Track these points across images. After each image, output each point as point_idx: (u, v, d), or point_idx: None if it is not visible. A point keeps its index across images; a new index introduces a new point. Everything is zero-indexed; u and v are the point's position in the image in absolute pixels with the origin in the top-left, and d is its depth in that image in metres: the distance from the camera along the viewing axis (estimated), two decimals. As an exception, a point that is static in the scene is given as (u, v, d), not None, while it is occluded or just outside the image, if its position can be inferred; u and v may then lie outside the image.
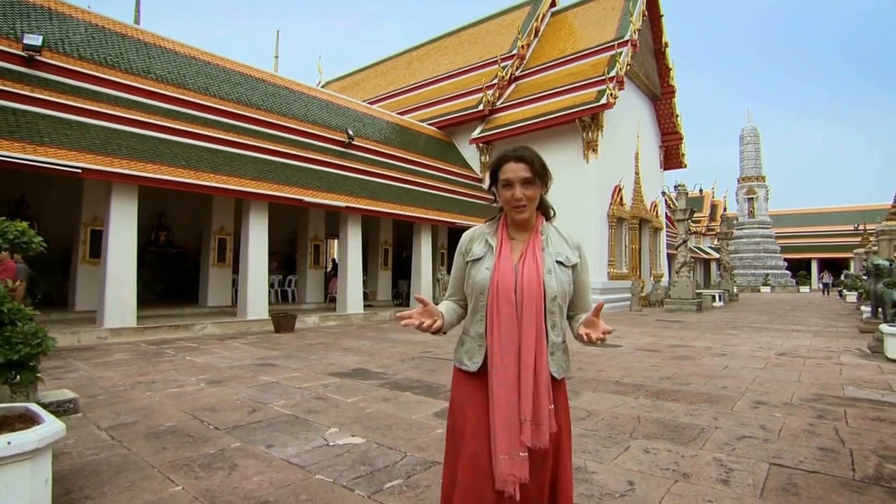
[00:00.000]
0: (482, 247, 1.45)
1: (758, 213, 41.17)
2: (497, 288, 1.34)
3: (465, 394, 1.41)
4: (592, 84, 15.43)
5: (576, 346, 7.32)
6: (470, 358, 1.41)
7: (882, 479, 2.58)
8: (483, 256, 1.43)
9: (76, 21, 9.84)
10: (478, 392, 1.37)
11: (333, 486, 2.47)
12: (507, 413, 1.28)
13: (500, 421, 1.28)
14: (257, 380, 5.03)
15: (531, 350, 1.30)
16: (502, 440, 1.27)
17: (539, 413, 1.29)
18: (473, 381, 1.40)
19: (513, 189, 1.39)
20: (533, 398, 1.28)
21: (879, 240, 12.34)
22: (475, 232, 1.52)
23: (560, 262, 1.42)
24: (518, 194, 1.38)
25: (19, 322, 2.25)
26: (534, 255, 1.40)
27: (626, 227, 17.28)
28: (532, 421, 1.28)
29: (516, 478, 1.26)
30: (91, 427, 3.41)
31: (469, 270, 1.46)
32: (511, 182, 1.39)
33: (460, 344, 1.48)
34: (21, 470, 1.98)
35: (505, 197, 1.42)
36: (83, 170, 7.29)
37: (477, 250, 1.45)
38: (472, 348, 1.41)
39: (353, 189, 11.96)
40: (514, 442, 1.27)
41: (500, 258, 1.39)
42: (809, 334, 9.47)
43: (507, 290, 1.34)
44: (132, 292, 8.14)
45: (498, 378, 1.31)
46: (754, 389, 4.67)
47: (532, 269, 1.37)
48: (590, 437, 3.24)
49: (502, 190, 1.42)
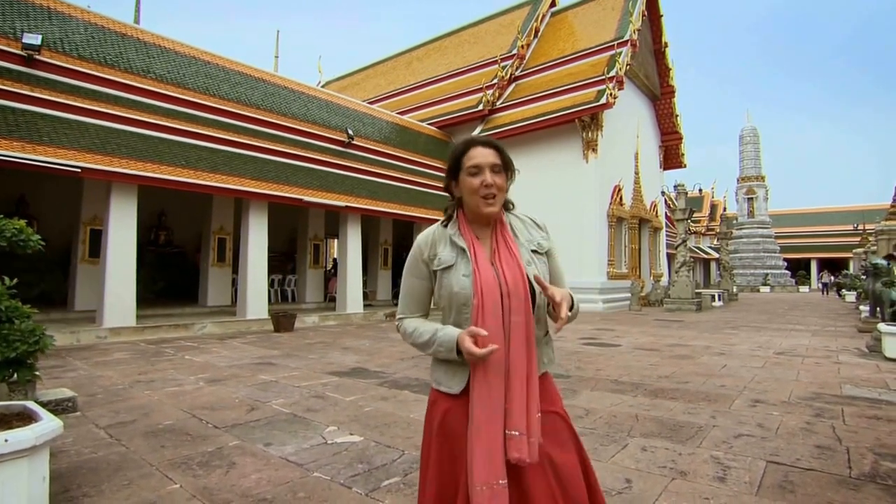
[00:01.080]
0: (449, 251, 1.27)
1: (757, 212, 41.18)
2: (482, 296, 1.18)
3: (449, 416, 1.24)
4: (592, 84, 15.43)
5: (574, 345, 7.28)
6: (451, 378, 1.24)
7: (878, 476, 2.58)
8: (455, 262, 1.25)
9: (75, 20, 9.84)
10: (461, 415, 1.21)
11: (331, 484, 2.47)
12: (487, 437, 1.14)
13: (479, 447, 1.14)
14: (256, 379, 5.03)
15: (522, 358, 1.18)
16: (480, 470, 1.12)
17: (531, 424, 1.17)
18: (454, 402, 1.24)
19: (482, 175, 1.23)
20: (527, 407, 1.17)
21: (878, 239, 12.34)
22: (432, 235, 1.32)
23: (535, 252, 1.29)
24: (489, 180, 1.22)
25: (17, 320, 2.25)
26: (508, 249, 1.26)
27: (625, 227, 17.28)
28: (525, 434, 1.15)
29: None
30: (89, 426, 3.42)
31: (440, 280, 1.27)
32: (480, 167, 1.23)
33: (437, 362, 1.29)
34: (18, 467, 1.98)
35: (472, 185, 1.24)
36: (83, 169, 7.30)
37: (445, 256, 1.26)
38: (453, 367, 1.24)
39: (352, 189, 11.97)
40: (494, 470, 1.13)
41: (477, 261, 1.23)
42: (808, 334, 9.47)
43: (493, 296, 1.18)
44: (132, 292, 8.14)
45: (480, 396, 1.16)
46: (752, 388, 4.68)
47: (513, 267, 1.23)
48: (587, 436, 3.24)
49: (468, 178, 1.24)
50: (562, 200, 15.39)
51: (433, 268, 1.29)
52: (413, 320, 1.32)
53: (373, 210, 11.76)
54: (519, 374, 1.18)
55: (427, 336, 1.25)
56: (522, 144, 15.84)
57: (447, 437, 1.24)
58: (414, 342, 1.29)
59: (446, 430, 1.24)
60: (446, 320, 1.28)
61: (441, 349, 1.22)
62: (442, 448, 1.24)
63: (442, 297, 1.27)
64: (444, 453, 1.24)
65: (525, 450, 1.15)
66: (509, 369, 1.18)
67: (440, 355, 1.24)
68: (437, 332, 1.22)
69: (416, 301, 1.34)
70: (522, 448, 1.15)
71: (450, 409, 1.25)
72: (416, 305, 1.34)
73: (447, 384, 1.25)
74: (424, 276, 1.31)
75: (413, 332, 1.29)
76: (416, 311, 1.34)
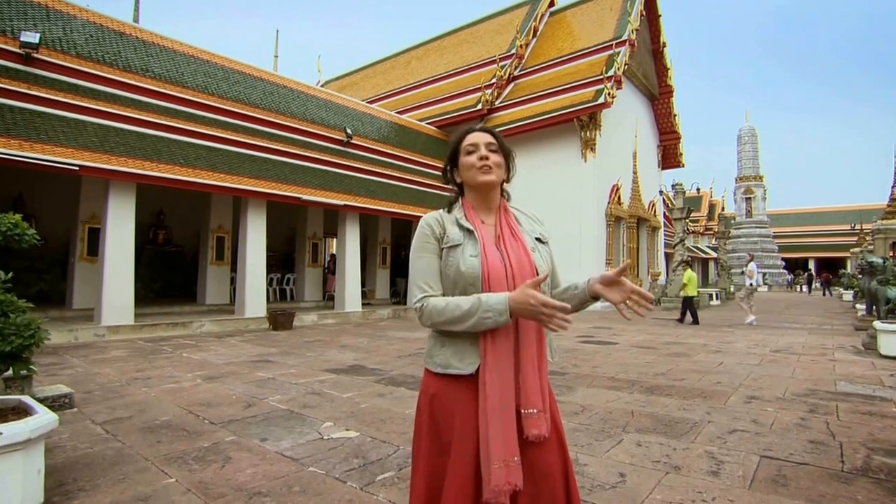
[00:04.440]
0: (457, 231, 1.28)
1: (755, 212, 41.23)
2: (488, 276, 1.20)
3: (450, 402, 1.22)
4: (590, 83, 15.45)
5: (571, 343, 7.27)
6: (461, 360, 1.21)
7: (870, 470, 2.60)
8: (462, 242, 1.25)
9: (74, 19, 9.83)
10: (466, 397, 1.21)
11: (326, 478, 2.48)
12: (502, 415, 1.16)
13: (494, 425, 1.15)
14: (254, 376, 5.04)
15: (531, 337, 1.21)
16: (497, 446, 1.14)
17: (545, 401, 1.21)
18: (461, 385, 1.22)
19: (478, 150, 1.28)
20: (540, 385, 1.21)
21: (875, 238, 12.38)
22: (439, 214, 1.32)
23: (539, 240, 1.34)
24: (484, 153, 1.27)
25: (12, 314, 2.26)
26: (512, 234, 1.29)
27: (623, 226, 17.30)
28: (542, 411, 1.19)
29: (511, 485, 1.14)
30: (86, 421, 3.42)
31: (447, 258, 1.26)
32: (476, 145, 1.29)
33: (440, 346, 1.26)
34: (13, 460, 1.99)
35: (468, 161, 1.29)
36: (81, 167, 7.30)
37: (454, 235, 1.27)
38: (463, 348, 1.22)
39: (351, 188, 11.97)
40: (511, 447, 1.15)
41: (483, 242, 1.24)
42: (805, 332, 9.50)
43: (499, 277, 1.20)
44: (130, 290, 8.15)
45: (491, 377, 1.17)
46: (748, 385, 4.69)
47: (518, 250, 1.26)
48: (583, 431, 3.26)
49: (465, 157, 1.30)
50: (560, 199, 15.41)
51: (442, 245, 1.27)
52: (440, 297, 1.24)
53: (371, 209, 11.76)
54: (529, 354, 1.20)
55: (468, 304, 1.16)
56: (521, 144, 15.84)
57: (437, 425, 1.24)
58: (449, 317, 1.18)
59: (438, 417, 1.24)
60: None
61: (489, 314, 1.14)
62: (431, 441, 1.24)
63: (447, 277, 1.25)
64: (433, 447, 1.24)
65: (544, 426, 1.19)
66: (519, 350, 1.20)
67: (486, 323, 1.15)
68: (481, 298, 1.16)
69: (436, 278, 1.26)
70: (541, 425, 1.18)
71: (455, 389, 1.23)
72: (437, 283, 1.26)
73: (457, 366, 1.21)
74: (437, 252, 1.28)
75: (447, 307, 1.19)
76: (438, 289, 1.26)
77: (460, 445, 1.19)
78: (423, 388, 1.30)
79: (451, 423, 1.22)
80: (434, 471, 1.23)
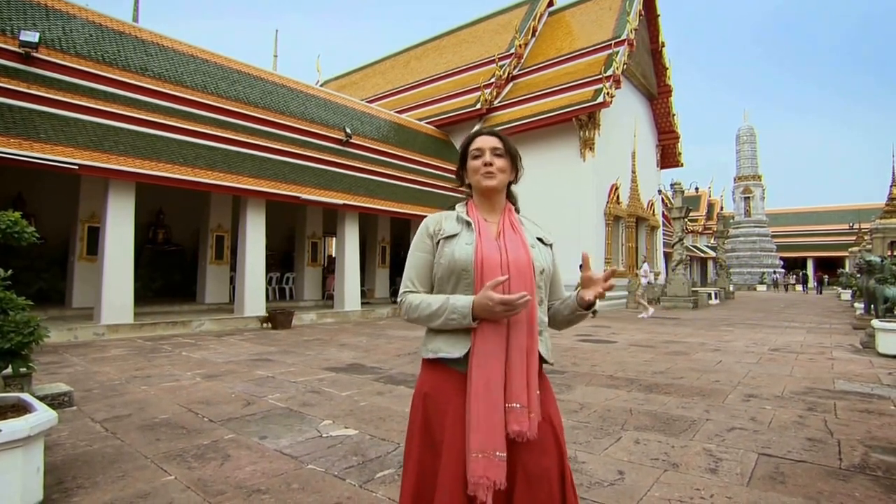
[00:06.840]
0: (455, 223, 1.32)
1: (754, 211, 41.31)
2: (482, 263, 1.21)
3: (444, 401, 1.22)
4: (589, 83, 15.45)
5: (570, 342, 7.29)
6: (452, 345, 1.22)
7: (867, 467, 2.61)
8: (459, 233, 1.29)
9: (74, 18, 9.82)
10: (459, 396, 1.20)
11: (325, 476, 2.49)
12: (486, 405, 1.14)
13: (476, 414, 1.14)
14: (253, 374, 5.04)
15: (522, 328, 1.19)
16: (477, 436, 1.13)
17: (532, 398, 1.17)
18: (454, 382, 1.22)
19: (483, 156, 1.32)
20: (527, 381, 1.17)
21: (873, 237, 12.40)
22: (441, 214, 1.37)
23: (540, 240, 1.36)
24: (488, 159, 1.31)
25: (11, 311, 2.26)
26: (513, 229, 1.31)
27: (622, 226, 17.31)
28: (526, 407, 1.16)
29: (489, 481, 1.11)
30: (85, 420, 3.43)
31: (442, 249, 1.28)
32: (482, 149, 1.33)
33: (434, 333, 1.28)
34: (12, 458, 2.00)
35: (474, 166, 1.33)
36: (80, 166, 7.29)
37: (449, 227, 1.31)
38: (454, 335, 1.22)
39: (350, 187, 11.97)
40: (492, 439, 1.13)
41: (480, 233, 1.26)
42: (803, 331, 9.52)
43: (493, 265, 1.21)
44: (129, 289, 8.14)
45: (478, 363, 1.17)
46: (746, 383, 4.70)
47: (517, 243, 1.27)
48: (581, 429, 3.27)
49: (472, 161, 1.34)
50: (559, 199, 15.41)
51: (437, 238, 1.31)
52: (418, 294, 1.30)
53: (371, 208, 11.76)
54: (519, 348, 1.19)
55: (437, 304, 1.22)
56: (520, 143, 15.51)
57: (430, 424, 1.24)
58: (420, 315, 1.25)
59: (430, 416, 1.24)
60: (446, 288, 1.27)
61: (454, 315, 1.19)
62: (423, 440, 1.24)
63: (441, 266, 1.28)
64: (425, 446, 1.23)
65: (526, 423, 1.16)
66: (510, 342, 1.19)
67: (451, 324, 1.20)
68: (449, 299, 1.21)
69: (421, 275, 1.32)
70: (523, 421, 1.15)
71: (438, 392, 1.24)
72: (420, 280, 1.32)
73: (447, 350, 1.23)
74: (430, 250, 1.32)
75: (420, 304, 1.25)
76: (421, 286, 1.32)
77: (451, 443, 1.18)
78: (418, 386, 1.32)
79: (444, 422, 1.21)
80: (424, 470, 1.22)
